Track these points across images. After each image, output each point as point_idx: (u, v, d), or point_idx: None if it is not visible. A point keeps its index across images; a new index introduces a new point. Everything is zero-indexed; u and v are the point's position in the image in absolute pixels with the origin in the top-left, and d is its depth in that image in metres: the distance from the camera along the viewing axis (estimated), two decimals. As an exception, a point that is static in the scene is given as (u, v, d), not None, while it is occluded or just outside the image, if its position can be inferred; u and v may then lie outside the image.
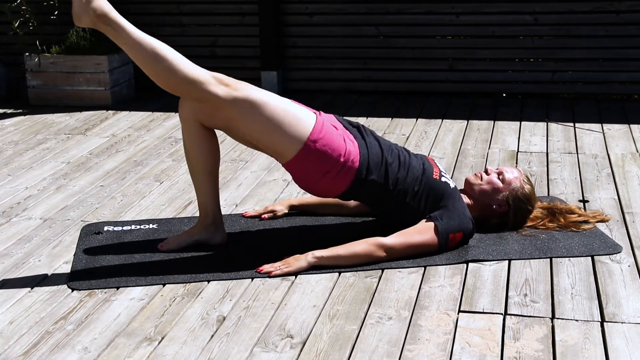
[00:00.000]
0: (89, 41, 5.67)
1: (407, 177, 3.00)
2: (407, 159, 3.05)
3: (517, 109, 5.31)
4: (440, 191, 3.02)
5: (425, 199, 3.01)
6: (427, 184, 3.02)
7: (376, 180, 2.97)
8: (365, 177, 2.95)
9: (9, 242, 3.23)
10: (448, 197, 3.02)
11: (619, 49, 5.54)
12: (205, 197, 3.07)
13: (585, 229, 3.19)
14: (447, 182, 3.06)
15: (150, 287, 2.79)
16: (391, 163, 2.99)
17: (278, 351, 2.36)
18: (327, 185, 2.96)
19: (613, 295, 2.67)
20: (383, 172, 2.97)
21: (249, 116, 2.89)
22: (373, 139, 3.03)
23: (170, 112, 5.34)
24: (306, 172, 2.95)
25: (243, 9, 5.95)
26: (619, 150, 4.33)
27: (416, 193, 3.01)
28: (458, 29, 5.72)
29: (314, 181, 2.97)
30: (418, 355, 2.33)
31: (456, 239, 3.00)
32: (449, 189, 3.05)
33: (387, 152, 3.01)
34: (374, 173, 2.96)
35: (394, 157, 3.02)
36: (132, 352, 2.37)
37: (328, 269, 2.88)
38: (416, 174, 3.02)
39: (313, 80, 5.98)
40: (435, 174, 3.06)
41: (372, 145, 3.00)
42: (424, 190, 3.01)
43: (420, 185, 3.01)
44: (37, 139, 4.81)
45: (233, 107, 2.90)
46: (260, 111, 2.88)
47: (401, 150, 3.09)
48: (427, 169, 3.06)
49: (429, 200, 3.01)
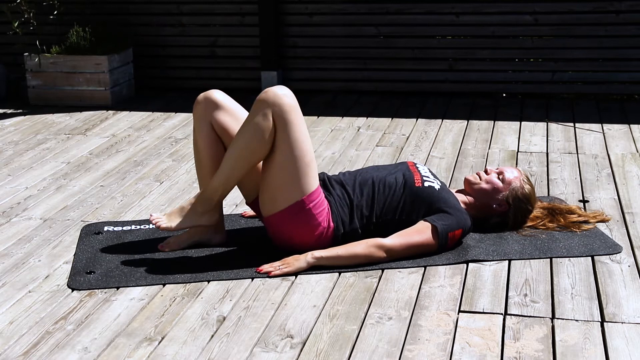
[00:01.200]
0: (89, 41, 5.67)
1: (387, 202, 3.02)
2: (381, 184, 3.04)
3: (517, 109, 5.30)
4: (427, 198, 3.02)
5: (416, 210, 3.01)
6: (411, 196, 3.02)
7: (355, 227, 3.00)
8: (344, 230, 2.99)
9: (9, 242, 3.23)
10: (437, 201, 3.01)
11: (619, 49, 5.54)
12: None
13: (586, 229, 3.19)
14: (431, 185, 3.05)
15: (150, 287, 2.79)
16: (363, 203, 3.01)
17: (278, 351, 2.36)
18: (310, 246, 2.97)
19: (613, 295, 2.67)
20: (358, 216, 3.00)
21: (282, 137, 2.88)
22: (339, 187, 3.05)
23: (170, 112, 5.34)
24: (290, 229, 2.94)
25: (243, 9, 5.95)
26: (619, 150, 4.33)
27: (403, 209, 3.01)
28: (458, 29, 5.72)
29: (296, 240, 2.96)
30: (418, 355, 2.33)
31: (456, 237, 3.00)
32: (435, 192, 3.04)
33: (356, 195, 3.02)
34: (349, 224, 3.00)
35: (365, 194, 3.03)
36: (132, 352, 2.37)
37: (328, 269, 2.88)
38: (396, 192, 3.02)
39: (313, 80, 5.98)
40: (417, 181, 3.05)
41: (339, 197, 3.02)
42: (410, 202, 3.01)
43: (405, 199, 3.01)
44: (37, 139, 4.81)
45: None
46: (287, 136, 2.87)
47: (374, 171, 3.11)
48: (407, 179, 3.06)
49: (420, 209, 3.01)
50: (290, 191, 2.89)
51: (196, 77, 6.07)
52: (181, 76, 6.11)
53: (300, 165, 2.88)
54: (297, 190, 2.89)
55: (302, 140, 2.88)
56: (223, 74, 6.06)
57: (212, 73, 6.06)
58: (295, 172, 2.88)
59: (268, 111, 2.85)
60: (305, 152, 2.89)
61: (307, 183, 2.90)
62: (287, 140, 2.86)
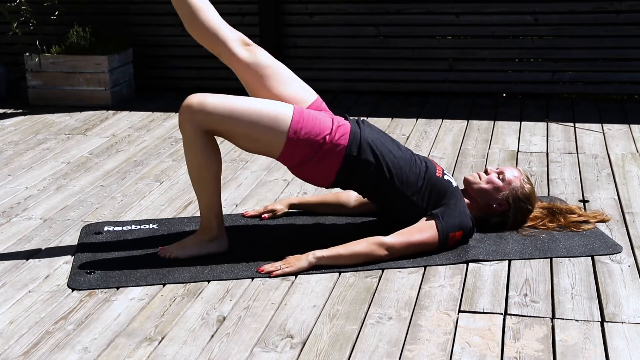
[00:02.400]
0: (89, 41, 5.67)
1: (410, 171, 3.00)
2: (409, 156, 3.05)
3: (517, 109, 5.30)
4: (443, 189, 3.03)
5: (428, 195, 3.01)
6: (430, 181, 3.02)
7: (370, 160, 2.95)
8: (357, 156, 2.94)
9: (9, 242, 3.23)
10: (450, 196, 3.03)
11: (619, 49, 5.53)
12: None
13: (586, 229, 3.19)
14: (449, 180, 3.07)
15: (150, 287, 2.79)
16: (385, 151, 2.99)
17: (278, 351, 2.36)
18: (320, 169, 2.96)
19: (613, 295, 2.67)
20: (379, 155, 2.97)
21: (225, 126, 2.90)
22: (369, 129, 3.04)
23: (170, 112, 5.34)
24: (298, 161, 2.96)
25: (243, 9, 5.94)
26: (619, 150, 4.33)
27: (419, 189, 3.01)
28: (458, 29, 5.72)
29: (307, 168, 2.97)
30: (418, 355, 2.33)
31: (456, 238, 3.00)
32: (452, 187, 3.05)
33: (382, 141, 3.01)
34: (366, 153, 2.95)
35: (389, 149, 3.01)
36: (132, 352, 2.37)
37: (329, 268, 2.88)
38: (418, 170, 3.03)
39: (313, 80, 5.89)
40: (439, 172, 3.07)
41: (366, 130, 3.01)
42: (427, 187, 3.02)
43: (424, 182, 3.02)
44: (37, 139, 4.81)
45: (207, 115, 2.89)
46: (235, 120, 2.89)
47: (404, 148, 3.10)
48: (429, 167, 3.07)
49: (431, 197, 3.02)
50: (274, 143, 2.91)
51: (196, 77, 6.07)
52: (181, 76, 6.11)
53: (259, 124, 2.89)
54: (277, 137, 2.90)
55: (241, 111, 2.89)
56: (223, 74, 6.03)
57: (212, 73, 6.05)
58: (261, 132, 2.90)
59: (192, 127, 2.89)
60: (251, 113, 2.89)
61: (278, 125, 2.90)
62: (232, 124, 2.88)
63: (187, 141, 2.93)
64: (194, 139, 2.90)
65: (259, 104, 2.94)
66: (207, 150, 2.92)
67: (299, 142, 2.91)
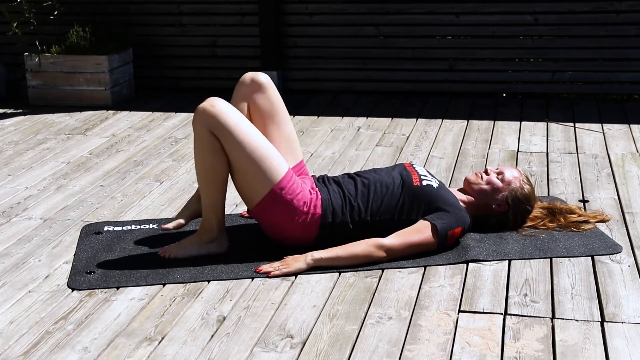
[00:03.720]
0: (89, 41, 5.67)
1: (384, 202, 3.02)
2: (378, 183, 3.05)
3: (517, 109, 5.30)
4: (426, 196, 3.02)
5: (415, 209, 3.01)
6: (409, 194, 3.02)
7: (346, 221, 2.99)
8: (333, 220, 2.99)
9: (9, 242, 3.23)
10: (436, 199, 3.02)
11: (619, 49, 5.53)
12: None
13: (586, 229, 3.19)
14: (429, 184, 3.05)
15: (150, 287, 2.79)
16: (359, 201, 3.02)
17: (278, 351, 2.36)
18: (298, 236, 2.99)
19: (613, 295, 2.67)
20: (351, 211, 3.00)
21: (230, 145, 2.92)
22: (335, 185, 3.08)
23: (170, 112, 5.34)
24: (273, 220, 2.97)
25: (243, 9, 5.94)
26: (619, 150, 4.33)
27: (402, 208, 3.01)
28: (458, 29, 5.72)
29: (282, 230, 2.99)
30: (418, 355, 2.33)
31: (455, 235, 3.00)
32: (434, 191, 3.04)
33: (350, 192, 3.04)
34: (340, 216, 2.99)
35: (360, 193, 3.03)
36: (132, 352, 2.37)
37: (327, 269, 2.88)
38: (394, 191, 3.03)
39: (313, 80, 5.98)
40: (415, 180, 3.05)
41: (334, 191, 3.04)
42: (408, 201, 3.01)
43: (404, 199, 3.01)
44: (37, 139, 4.81)
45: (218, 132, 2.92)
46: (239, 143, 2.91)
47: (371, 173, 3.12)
48: (405, 179, 3.06)
49: (419, 209, 3.01)
50: (258, 187, 2.93)
51: (196, 77, 6.07)
52: (181, 76, 6.11)
53: (256, 161, 2.91)
54: (264, 184, 2.92)
55: (247, 139, 2.91)
56: (223, 74, 6.06)
57: (212, 73, 6.06)
58: (253, 169, 2.91)
59: (204, 129, 2.89)
60: (255, 148, 2.91)
61: (271, 174, 2.92)
62: (233, 145, 2.90)
63: (197, 140, 2.94)
64: (204, 139, 2.91)
65: (266, 146, 2.96)
66: (216, 152, 2.93)
67: (278, 200, 2.93)
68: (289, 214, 2.95)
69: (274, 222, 2.98)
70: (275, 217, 2.96)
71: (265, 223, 3.02)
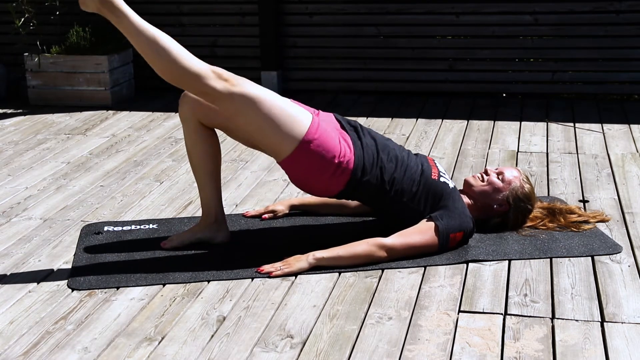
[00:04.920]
0: (89, 41, 5.67)
1: (405, 178, 3.00)
2: (405, 160, 3.05)
3: (517, 109, 5.30)
4: (440, 191, 3.02)
5: (424, 199, 3.01)
6: (426, 185, 3.02)
7: (371, 181, 2.97)
8: (361, 178, 2.95)
9: (9, 242, 3.23)
10: (447, 197, 3.02)
11: (619, 49, 5.54)
12: (208, 196, 3.11)
13: (586, 229, 3.19)
14: (446, 182, 3.07)
15: (150, 287, 2.79)
16: (387, 164, 2.99)
17: (278, 351, 2.36)
18: (323, 185, 2.97)
19: (613, 295, 2.67)
20: (378, 172, 2.97)
21: (245, 112, 2.87)
22: (370, 139, 3.03)
23: (170, 112, 5.34)
24: (301, 172, 2.95)
25: (243, 9, 5.95)
26: (619, 150, 4.33)
27: (414, 194, 3.01)
28: (458, 29, 5.72)
29: (309, 181, 2.97)
30: (418, 355, 2.33)
31: (457, 239, 3.00)
32: (448, 189, 3.05)
33: (383, 153, 3.01)
34: (368, 174, 2.96)
35: (390, 158, 3.02)
36: (132, 352, 2.37)
37: (328, 269, 2.88)
38: (414, 175, 3.02)
39: (313, 80, 5.98)
40: (434, 174, 3.06)
41: (368, 145, 3.00)
42: (423, 191, 3.01)
43: (419, 186, 3.01)
44: (37, 139, 4.81)
45: (230, 102, 2.86)
46: (256, 108, 2.86)
47: (400, 150, 3.09)
48: (425, 169, 3.06)
49: (428, 200, 3.01)
50: (285, 142, 2.90)
51: (196, 77, 6.06)
52: (181, 76, 6.10)
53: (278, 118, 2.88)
54: (291, 139, 2.89)
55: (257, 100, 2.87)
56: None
57: (212, 73, 6.06)
58: (276, 127, 2.88)
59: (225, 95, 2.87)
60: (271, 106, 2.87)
61: (295, 128, 2.89)
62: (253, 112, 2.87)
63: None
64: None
65: (282, 99, 2.94)
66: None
67: (308, 152, 2.90)
68: (318, 167, 2.91)
69: (303, 174, 2.95)
70: (304, 169, 2.93)
71: (292, 174, 2.99)
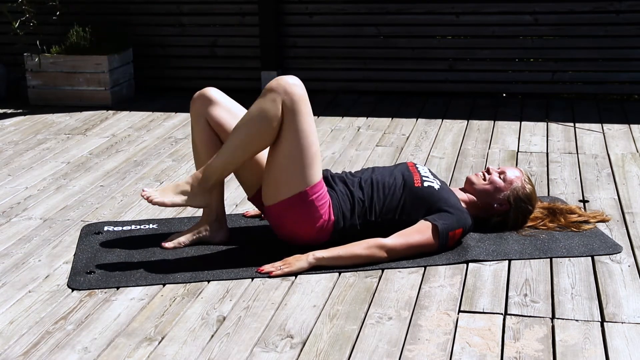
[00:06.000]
0: (89, 41, 5.67)
1: (385, 197, 3.03)
2: (379, 179, 3.06)
3: (517, 109, 5.30)
4: (427, 198, 3.02)
5: (415, 209, 3.01)
6: (411, 194, 3.02)
7: (355, 223, 3.00)
8: (344, 225, 2.99)
9: (9, 242, 3.23)
10: (437, 200, 3.01)
11: (619, 49, 5.53)
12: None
13: (586, 229, 3.19)
14: (430, 185, 3.05)
15: (150, 287, 2.79)
16: (361, 194, 3.03)
17: (278, 351, 2.36)
18: (313, 237, 2.98)
19: (613, 295, 2.67)
20: (359, 212, 3.01)
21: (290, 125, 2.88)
22: (341, 184, 3.06)
23: (170, 112, 5.34)
24: (292, 220, 2.95)
25: (243, 9, 5.95)
26: (619, 150, 4.33)
27: (402, 208, 3.01)
28: (458, 29, 5.72)
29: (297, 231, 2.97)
30: (418, 355, 2.33)
31: (456, 236, 3.00)
32: (435, 192, 3.04)
33: (353, 187, 3.04)
34: (349, 219, 3.00)
35: (365, 193, 3.04)
36: (132, 352, 2.37)
37: (328, 269, 2.88)
38: (394, 190, 3.03)
39: (313, 80, 5.97)
40: (417, 181, 3.05)
41: (342, 192, 3.03)
42: (410, 202, 3.02)
43: (404, 198, 3.02)
44: (37, 139, 4.81)
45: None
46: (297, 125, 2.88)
47: (371, 171, 3.12)
48: (407, 179, 3.06)
49: (419, 208, 3.01)
50: (294, 181, 2.90)
51: (196, 77, 6.07)
52: (181, 76, 6.11)
53: (306, 156, 2.89)
54: (301, 181, 2.90)
55: (309, 131, 2.89)
56: (223, 74, 6.06)
57: (212, 73, 6.06)
58: (300, 162, 2.89)
59: (278, 99, 2.86)
60: (311, 144, 2.90)
61: (311, 174, 2.91)
62: (295, 131, 2.87)
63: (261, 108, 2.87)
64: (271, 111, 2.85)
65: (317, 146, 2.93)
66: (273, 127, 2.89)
67: (306, 202, 2.91)
68: (310, 218, 2.93)
69: (292, 223, 2.96)
70: (295, 217, 2.94)
71: (280, 221, 2.98)
